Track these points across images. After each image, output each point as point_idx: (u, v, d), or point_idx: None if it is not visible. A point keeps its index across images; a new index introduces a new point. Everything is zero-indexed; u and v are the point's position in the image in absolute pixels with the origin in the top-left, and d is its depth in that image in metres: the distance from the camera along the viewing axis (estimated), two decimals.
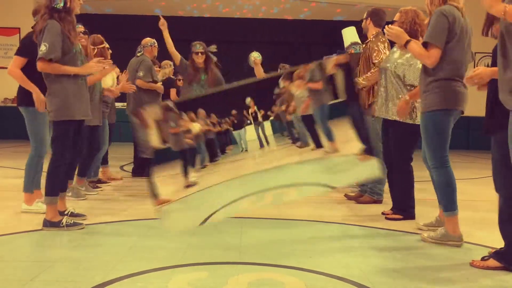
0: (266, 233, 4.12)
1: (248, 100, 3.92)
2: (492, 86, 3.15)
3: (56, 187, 4.08)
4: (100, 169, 6.44)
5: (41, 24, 3.96)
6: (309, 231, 4.23)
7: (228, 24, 15.71)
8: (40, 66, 3.92)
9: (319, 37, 15.59)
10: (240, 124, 3.92)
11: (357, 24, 6.21)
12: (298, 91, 3.90)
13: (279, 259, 3.34)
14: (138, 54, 6.96)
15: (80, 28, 5.31)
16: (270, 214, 4.81)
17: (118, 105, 9.01)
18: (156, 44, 7.07)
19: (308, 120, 3.90)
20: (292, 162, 3.99)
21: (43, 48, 3.86)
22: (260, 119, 3.94)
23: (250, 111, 3.94)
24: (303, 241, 3.87)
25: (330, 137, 3.81)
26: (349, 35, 6.18)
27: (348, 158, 3.79)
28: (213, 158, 3.93)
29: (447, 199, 3.78)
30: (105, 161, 6.59)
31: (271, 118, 3.95)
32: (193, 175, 3.76)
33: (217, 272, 3.05)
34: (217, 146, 3.94)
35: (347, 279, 2.96)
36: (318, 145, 3.86)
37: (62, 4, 3.94)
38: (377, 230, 4.25)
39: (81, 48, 4.33)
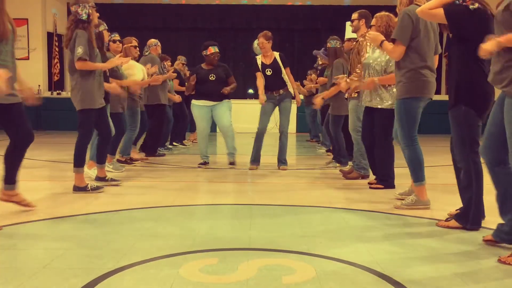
0: (275, 219, 4.13)
1: None
2: (450, 69, 3.69)
3: (83, 161, 5.05)
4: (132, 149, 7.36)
5: (70, 34, 4.94)
6: (319, 217, 4.23)
7: (234, 10, 15.66)
8: (79, 65, 4.84)
9: (327, 23, 15.47)
10: None
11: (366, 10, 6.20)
12: None
13: (289, 245, 3.35)
14: (146, 53, 7.88)
15: (116, 36, 6.58)
16: (279, 200, 4.83)
17: None
18: (159, 44, 8.02)
19: None
20: None
21: (80, 50, 4.81)
22: None
23: None
24: (312, 227, 3.88)
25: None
26: (349, 29, 6.54)
27: None
28: None
29: (416, 171, 4.42)
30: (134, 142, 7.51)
31: None
32: None
33: (227, 258, 3.06)
34: None
35: (358, 264, 2.97)
36: None
37: (86, 17, 4.91)
38: (387, 215, 4.25)
39: (99, 52, 5.19)
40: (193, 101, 7.09)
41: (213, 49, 7.00)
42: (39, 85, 13.88)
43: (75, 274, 2.75)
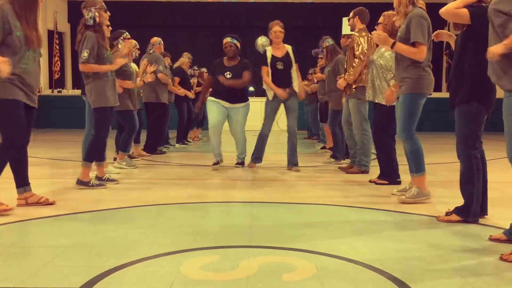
0: (276, 216, 4.12)
1: None
2: (462, 67, 3.72)
3: (94, 157, 5.23)
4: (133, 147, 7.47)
5: (80, 36, 5.05)
6: (319, 215, 4.23)
7: (235, 8, 15.64)
8: (82, 67, 5.02)
9: (327, 21, 15.44)
10: None
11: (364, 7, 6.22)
12: None
13: (290, 242, 3.34)
14: (150, 52, 7.86)
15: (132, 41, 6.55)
16: (279, 197, 4.82)
17: None
18: (162, 42, 8.03)
19: None
20: None
21: (85, 54, 4.95)
22: None
23: None
24: (313, 224, 3.87)
25: None
26: (346, 25, 6.61)
27: None
28: None
29: (417, 162, 4.52)
30: (137, 141, 7.58)
31: None
32: None
33: (228, 255, 3.06)
34: None
35: (359, 261, 2.96)
36: None
37: (92, 22, 5.00)
38: (388, 213, 4.24)
39: (111, 52, 5.30)
40: (209, 98, 6.52)
41: (226, 40, 6.45)
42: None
43: (76, 272, 2.75)
